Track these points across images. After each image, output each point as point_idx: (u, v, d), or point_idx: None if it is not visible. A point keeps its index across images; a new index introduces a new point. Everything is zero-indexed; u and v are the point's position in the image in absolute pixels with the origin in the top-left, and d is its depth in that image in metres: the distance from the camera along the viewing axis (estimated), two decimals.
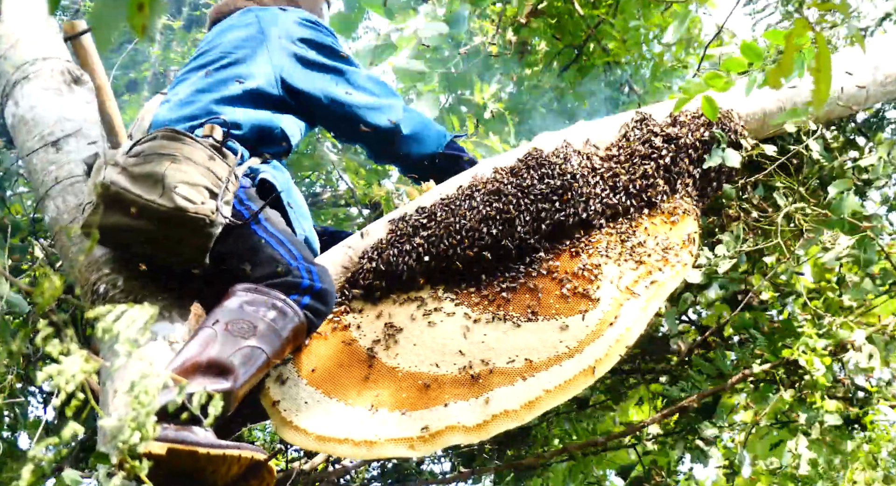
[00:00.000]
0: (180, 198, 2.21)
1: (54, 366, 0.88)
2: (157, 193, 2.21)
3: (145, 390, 0.95)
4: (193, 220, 2.22)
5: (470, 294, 2.58)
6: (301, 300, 2.29)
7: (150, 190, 2.22)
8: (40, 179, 2.54)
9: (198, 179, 2.26)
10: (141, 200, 2.21)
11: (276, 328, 2.21)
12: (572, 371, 2.38)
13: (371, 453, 2.26)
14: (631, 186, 2.77)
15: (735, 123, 2.91)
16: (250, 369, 2.13)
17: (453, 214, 2.63)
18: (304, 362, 2.41)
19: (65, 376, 0.87)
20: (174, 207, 2.21)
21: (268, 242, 2.35)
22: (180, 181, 2.23)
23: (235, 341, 2.13)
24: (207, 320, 2.20)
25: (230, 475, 2.00)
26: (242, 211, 2.38)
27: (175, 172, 2.24)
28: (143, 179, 2.23)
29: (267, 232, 2.37)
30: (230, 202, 2.33)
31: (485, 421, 2.29)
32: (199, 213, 2.22)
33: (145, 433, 0.95)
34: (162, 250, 2.29)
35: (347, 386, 2.36)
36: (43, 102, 2.65)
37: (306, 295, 2.30)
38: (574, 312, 2.51)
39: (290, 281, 2.30)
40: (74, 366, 0.87)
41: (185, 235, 2.24)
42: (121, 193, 2.22)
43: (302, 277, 2.31)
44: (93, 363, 0.90)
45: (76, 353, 0.87)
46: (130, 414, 0.94)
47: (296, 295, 2.28)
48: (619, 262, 2.63)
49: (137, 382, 0.95)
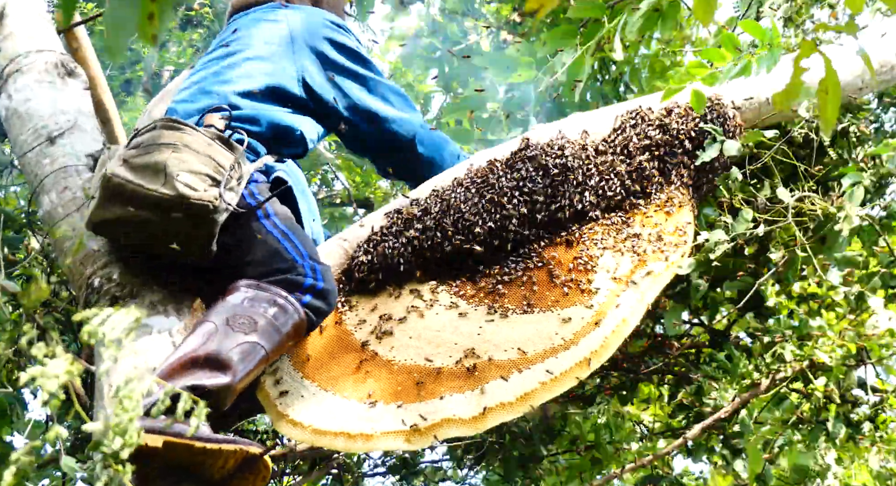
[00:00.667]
0: (182, 185, 2.20)
1: (38, 368, 0.88)
2: (160, 183, 2.20)
3: (129, 395, 0.94)
4: (196, 206, 2.21)
5: (465, 286, 2.58)
6: (303, 299, 2.28)
7: (153, 180, 2.21)
8: (34, 172, 2.53)
9: (199, 167, 2.25)
10: (143, 190, 2.20)
11: (277, 325, 2.21)
12: (568, 363, 2.38)
13: (367, 446, 2.27)
14: (626, 176, 2.77)
15: (726, 107, 2.89)
16: (249, 364, 2.13)
17: (448, 206, 2.62)
18: (300, 356, 2.41)
19: (48, 378, 0.87)
20: (177, 195, 2.20)
21: (275, 236, 2.34)
22: (182, 169, 2.22)
23: (235, 337, 2.13)
24: (209, 314, 2.20)
25: (226, 469, 2.01)
26: (252, 204, 2.37)
27: (176, 160, 2.23)
28: (144, 170, 2.22)
29: (275, 227, 2.36)
30: (235, 190, 2.32)
31: (480, 414, 2.29)
32: (203, 199, 2.21)
33: (128, 440, 0.95)
34: (167, 241, 2.27)
35: (343, 379, 2.36)
36: (37, 95, 2.64)
37: (308, 294, 2.29)
38: (570, 303, 2.50)
39: (293, 279, 2.29)
40: (59, 368, 0.87)
41: (189, 223, 2.23)
42: (123, 184, 2.21)
43: (306, 275, 2.31)
44: (77, 366, 0.90)
45: (61, 355, 0.87)
46: (114, 419, 0.94)
47: (298, 293, 2.28)
48: (614, 253, 2.63)
49: (122, 386, 0.95)
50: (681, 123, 2.85)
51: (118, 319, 0.92)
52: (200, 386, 2.04)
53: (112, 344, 0.91)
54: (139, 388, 0.96)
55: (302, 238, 2.38)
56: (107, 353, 0.93)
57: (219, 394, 2.07)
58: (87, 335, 0.92)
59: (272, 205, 2.41)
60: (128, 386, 0.94)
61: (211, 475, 1.99)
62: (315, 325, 2.35)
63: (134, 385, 0.94)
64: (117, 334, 0.92)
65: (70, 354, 0.91)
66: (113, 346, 0.91)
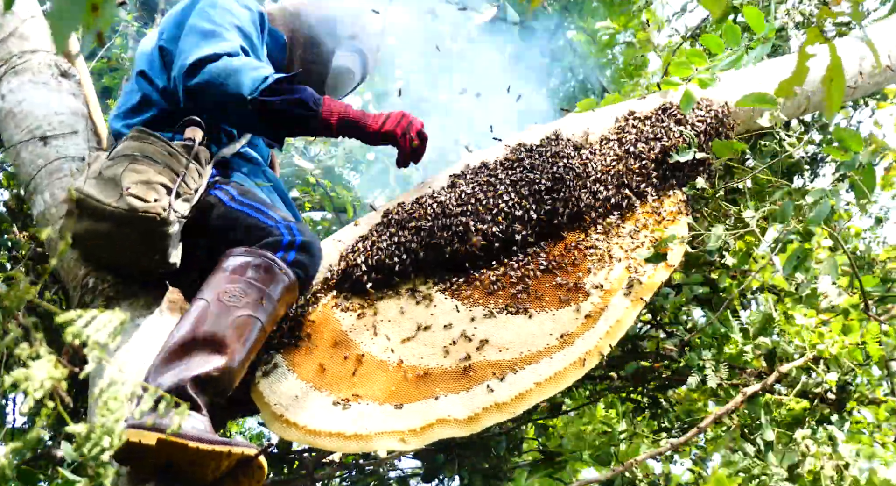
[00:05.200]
0: (132, 198, 2.22)
1: (21, 370, 0.87)
2: (115, 197, 2.23)
3: (114, 397, 0.94)
4: (143, 219, 2.22)
5: (461, 287, 2.58)
6: (287, 257, 2.30)
7: (110, 193, 2.24)
8: (28, 172, 2.53)
9: (155, 177, 2.27)
10: (99, 205, 2.23)
11: (267, 292, 2.23)
12: (563, 364, 2.38)
13: (362, 446, 2.27)
14: (622, 177, 2.76)
15: (721, 110, 2.87)
16: (247, 341, 2.15)
17: (444, 207, 2.62)
18: (295, 356, 2.40)
19: (33, 382, 0.86)
20: (126, 208, 2.22)
21: (245, 212, 2.38)
22: (134, 181, 2.24)
23: (228, 311, 2.15)
24: (201, 291, 2.21)
25: (220, 471, 2.00)
26: (217, 194, 2.41)
27: (130, 172, 2.26)
28: (106, 183, 2.26)
29: (241, 204, 2.40)
30: (190, 199, 2.33)
31: (476, 414, 2.29)
32: (150, 212, 2.22)
33: (113, 441, 0.94)
34: (128, 254, 2.29)
35: (338, 380, 2.36)
36: (31, 96, 2.64)
37: (291, 251, 2.32)
38: (565, 304, 2.50)
39: (271, 241, 2.32)
40: (43, 371, 0.86)
41: (139, 235, 2.24)
42: (83, 199, 2.24)
43: (282, 234, 2.33)
44: (62, 369, 0.90)
45: (45, 357, 0.87)
46: (99, 420, 0.94)
47: (281, 252, 2.30)
48: (610, 254, 2.62)
49: (105, 389, 0.94)
50: (678, 125, 2.84)
51: (103, 320, 0.92)
52: (201, 374, 2.04)
53: (96, 346, 0.91)
54: (126, 389, 0.95)
55: (268, 206, 2.42)
56: (91, 355, 0.93)
57: (221, 377, 2.08)
58: (72, 337, 0.92)
59: (232, 188, 2.44)
60: (112, 388, 0.94)
61: (204, 475, 1.98)
62: (307, 283, 2.37)
63: (118, 388, 0.94)
64: (103, 336, 0.92)
65: (54, 355, 0.91)
66: (97, 348, 0.91)
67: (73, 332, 0.91)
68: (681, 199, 2.79)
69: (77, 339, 0.92)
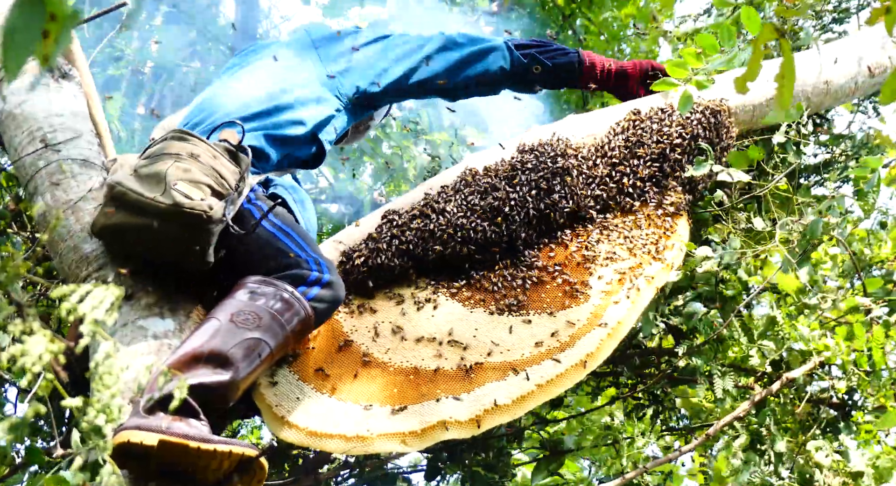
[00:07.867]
0: (179, 194, 2.23)
1: (18, 346, 0.86)
2: (159, 192, 2.24)
3: (109, 371, 0.93)
4: (190, 216, 2.23)
5: (461, 289, 2.57)
6: (309, 293, 2.29)
7: (153, 188, 2.24)
8: (29, 175, 2.53)
9: (201, 177, 2.28)
10: (142, 199, 2.23)
11: (282, 321, 2.22)
12: (564, 365, 2.37)
13: (363, 448, 2.26)
14: (622, 179, 2.75)
15: (722, 113, 2.85)
16: (252, 360, 2.14)
17: (444, 209, 2.61)
18: (297, 358, 2.40)
19: (30, 358, 0.85)
20: (172, 204, 2.22)
21: (276, 235, 2.37)
22: (180, 179, 2.25)
23: (239, 332, 2.15)
24: (214, 311, 2.21)
25: (221, 471, 1.99)
26: (251, 209, 2.40)
27: (176, 170, 2.27)
28: (147, 179, 2.26)
29: (275, 226, 2.39)
30: (235, 203, 2.34)
31: (477, 416, 2.29)
32: (196, 209, 2.23)
33: (109, 415, 0.93)
34: (165, 249, 2.29)
35: (339, 381, 2.36)
36: (31, 98, 2.64)
37: (315, 286, 2.31)
38: (566, 306, 2.50)
39: (298, 273, 2.31)
40: (39, 347, 0.86)
41: (183, 232, 2.25)
42: (125, 193, 2.24)
43: (311, 269, 2.32)
44: (58, 344, 0.89)
45: (39, 332, 0.86)
46: (95, 395, 0.93)
47: (303, 287, 2.30)
48: (610, 255, 2.61)
49: (101, 362, 0.93)
50: (678, 126, 2.83)
51: (98, 295, 0.92)
52: (202, 384, 2.04)
53: (92, 322, 0.90)
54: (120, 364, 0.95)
55: (302, 234, 2.41)
56: (86, 329, 0.92)
57: (221, 391, 2.08)
58: (66, 312, 0.92)
59: (267, 206, 2.42)
60: (107, 362, 0.93)
61: (206, 476, 1.98)
62: (324, 318, 2.36)
63: (112, 361, 0.93)
64: (100, 312, 0.92)
65: (49, 330, 0.90)
66: (92, 323, 0.91)
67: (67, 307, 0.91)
68: (681, 199, 2.78)
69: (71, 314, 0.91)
